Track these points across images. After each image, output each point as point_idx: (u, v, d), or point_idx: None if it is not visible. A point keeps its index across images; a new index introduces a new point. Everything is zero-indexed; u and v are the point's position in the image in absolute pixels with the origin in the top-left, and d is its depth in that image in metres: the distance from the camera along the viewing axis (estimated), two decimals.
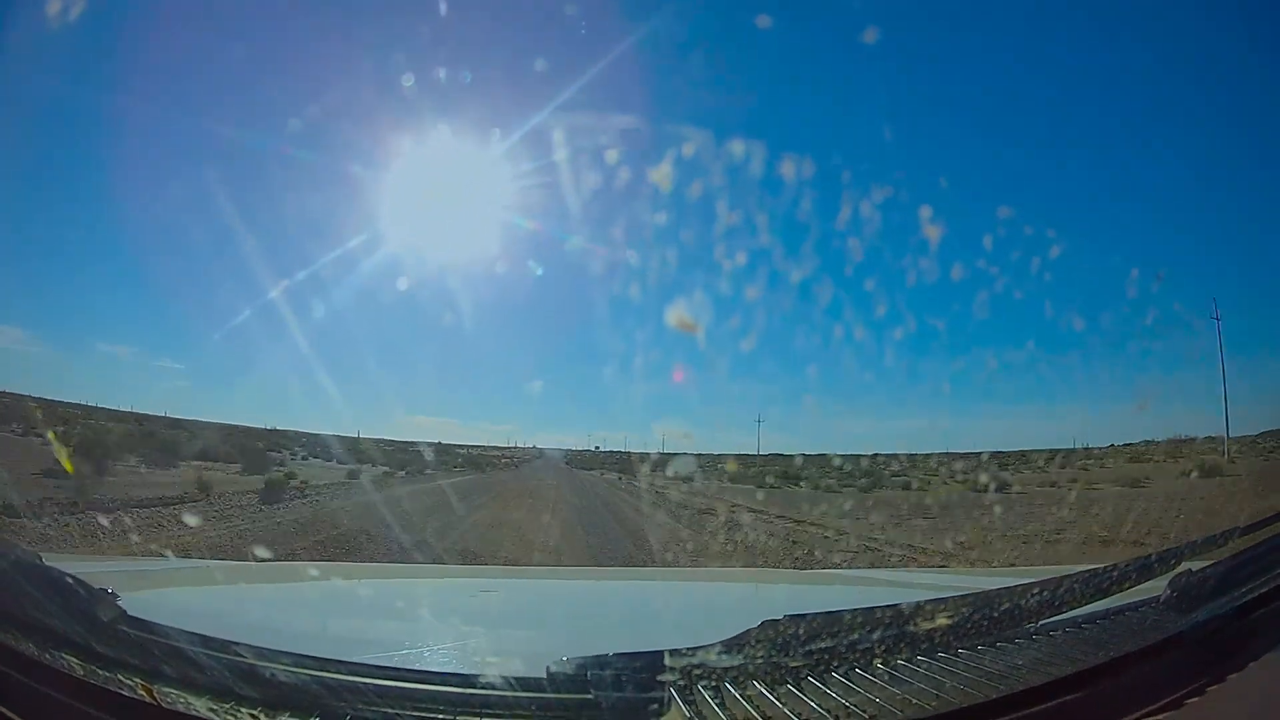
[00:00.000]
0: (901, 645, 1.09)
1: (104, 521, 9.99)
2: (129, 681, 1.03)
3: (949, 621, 1.10)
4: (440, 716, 0.98)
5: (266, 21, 26.75)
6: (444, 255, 29.76)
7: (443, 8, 14.45)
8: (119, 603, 1.10)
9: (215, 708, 1.00)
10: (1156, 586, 1.23)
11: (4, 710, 1.06)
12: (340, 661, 1.04)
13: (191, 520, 11.21)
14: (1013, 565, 8.13)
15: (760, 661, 1.03)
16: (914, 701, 1.00)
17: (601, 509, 16.77)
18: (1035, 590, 1.17)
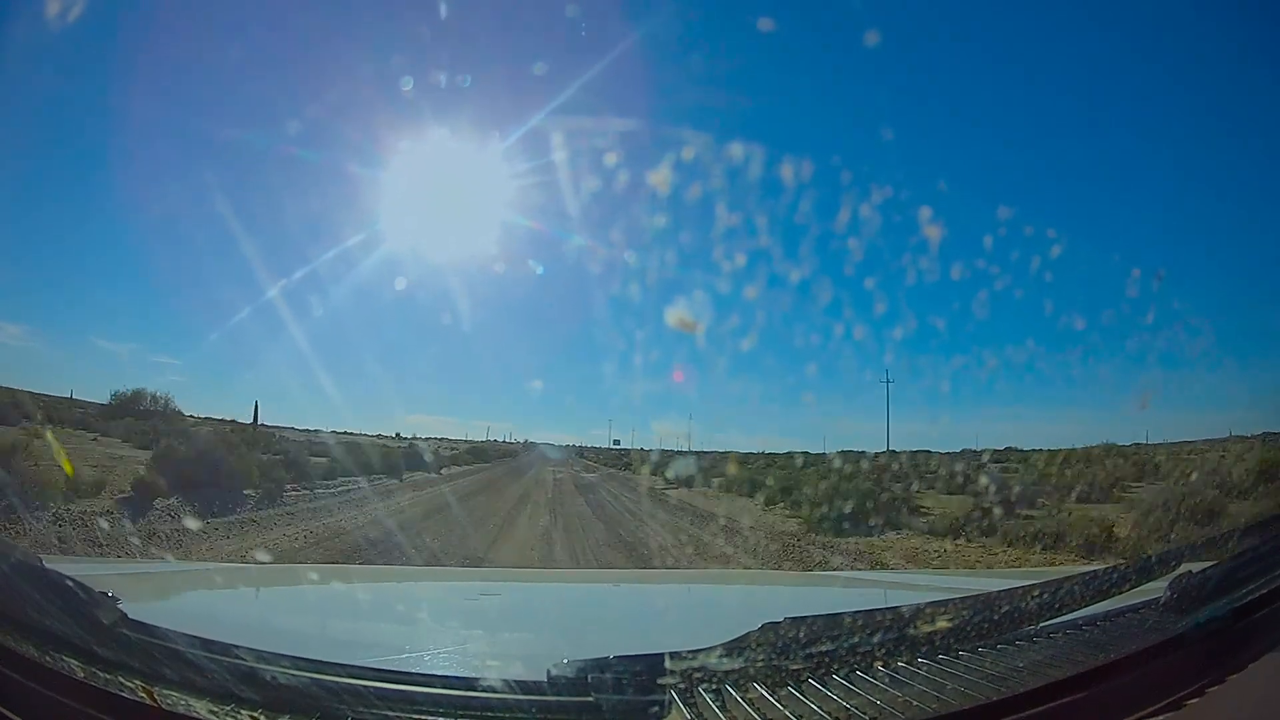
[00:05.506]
0: (902, 648, 1.09)
1: None
2: (130, 684, 1.03)
3: (949, 624, 1.10)
4: (440, 719, 0.98)
5: (265, 19, 26.78)
6: (443, 254, 29.50)
7: (442, 8, 14.43)
8: (119, 605, 1.10)
9: (216, 710, 1.00)
10: (1156, 588, 1.23)
11: (5, 712, 1.06)
12: (340, 664, 1.04)
13: None
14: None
15: (761, 664, 1.04)
16: (915, 704, 1.00)
17: None
18: (1035, 592, 1.17)
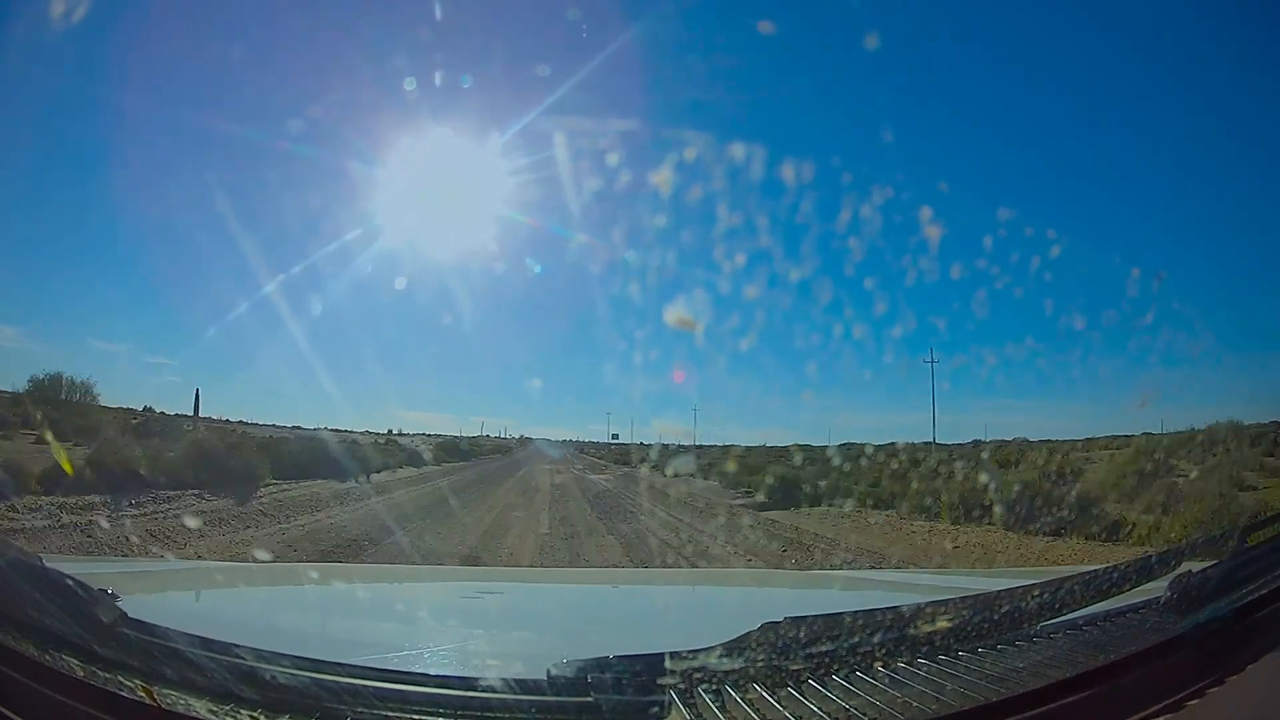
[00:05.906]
0: (902, 648, 1.09)
1: None
2: (129, 683, 1.03)
3: (949, 624, 1.10)
4: (440, 719, 0.98)
5: (262, 16, 26.72)
6: (441, 251, 29.49)
7: (441, 6, 14.40)
8: (119, 604, 1.10)
9: (215, 709, 1.00)
10: (1157, 588, 1.23)
11: (4, 711, 1.06)
12: (340, 663, 1.04)
13: None
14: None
15: (761, 664, 1.03)
16: (915, 704, 1.00)
17: None
18: (1036, 592, 1.17)
